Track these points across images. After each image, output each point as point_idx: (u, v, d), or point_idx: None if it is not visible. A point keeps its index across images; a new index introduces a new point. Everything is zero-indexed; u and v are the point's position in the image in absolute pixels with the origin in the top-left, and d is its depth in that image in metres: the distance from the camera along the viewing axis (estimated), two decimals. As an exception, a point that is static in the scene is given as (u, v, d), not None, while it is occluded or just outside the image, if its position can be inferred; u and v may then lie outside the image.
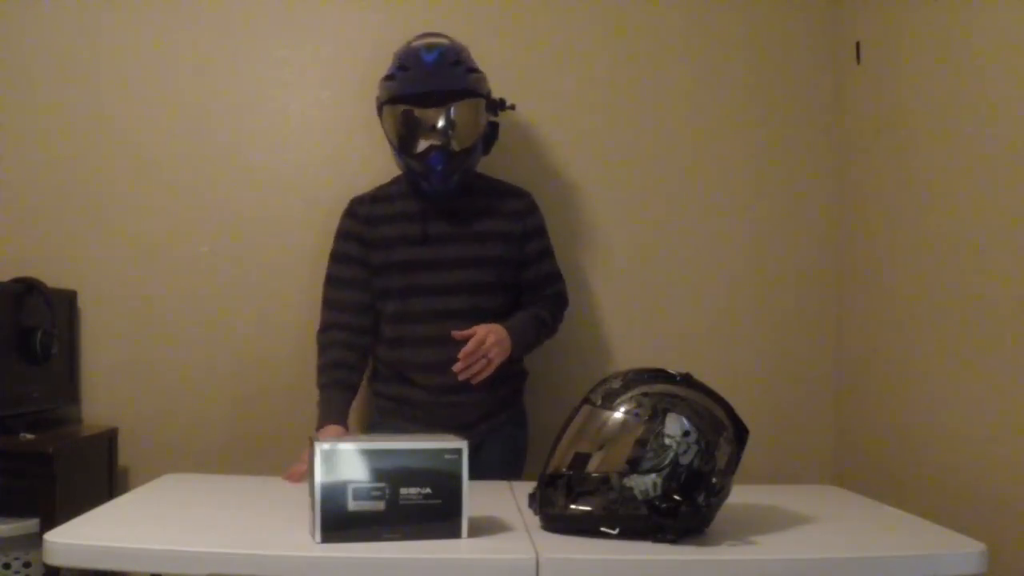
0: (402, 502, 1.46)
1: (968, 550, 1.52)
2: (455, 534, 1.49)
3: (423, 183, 2.17)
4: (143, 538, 1.48)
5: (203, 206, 2.62)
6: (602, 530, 1.52)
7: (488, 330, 2.06)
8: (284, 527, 1.55)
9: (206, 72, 2.63)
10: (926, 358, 2.21)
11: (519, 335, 2.14)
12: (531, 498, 1.61)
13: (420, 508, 1.47)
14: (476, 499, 1.52)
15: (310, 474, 1.45)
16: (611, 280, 2.68)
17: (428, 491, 1.47)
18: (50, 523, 1.76)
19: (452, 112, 2.13)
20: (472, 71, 2.17)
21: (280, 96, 2.65)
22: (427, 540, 1.47)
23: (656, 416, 1.52)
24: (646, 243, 2.69)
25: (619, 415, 1.55)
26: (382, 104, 2.19)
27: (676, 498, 1.48)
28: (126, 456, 2.58)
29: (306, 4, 2.65)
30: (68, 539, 1.45)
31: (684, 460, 1.50)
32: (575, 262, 2.62)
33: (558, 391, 2.45)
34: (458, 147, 2.15)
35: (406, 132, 2.15)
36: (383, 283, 2.21)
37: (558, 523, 1.56)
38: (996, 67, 1.96)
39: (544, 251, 2.31)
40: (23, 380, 2.33)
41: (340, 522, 1.44)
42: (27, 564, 2.22)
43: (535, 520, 1.60)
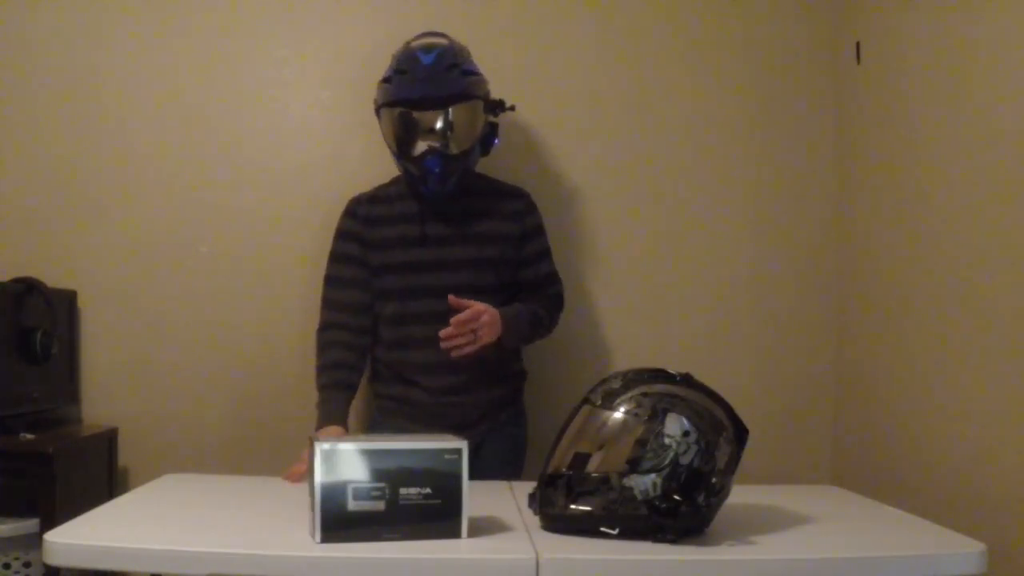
0: (402, 502, 1.46)
1: (968, 550, 1.52)
2: (455, 534, 1.49)
3: (420, 186, 2.17)
4: (143, 538, 1.48)
5: (203, 206, 2.62)
6: (602, 530, 1.52)
7: (485, 308, 2.05)
8: (284, 527, 1.55)
9: (206, 72, 2.63)
10: (926, 358, 2.21)
11: (512, 323, 2.13)
12: (531, 498, 1.61)
13: (420, 508, 1.47)
14: (476, 499, 1.52)
15: (310, 474, 1.45)
16: (611, 280, 2.68)
17: (428, 491, 1.47)
18: (50, 523, 1.76)
19: (450, 114, 2.13)
20: (469, 73, 2.17)
21: (280, 96, 2.65)
22: (427, 540, 1.47)
23: (656, 416, 1.52)
24: (646, 243, 2.69)
25: (619, 415, 1.55)
26: (380, 107, 2.19)
27: (676, 498, 1.48)
28: (126, 456, 2.58)
29: (306, 4, 2.65)
30: (68, 539, 1.45)
31: (684, 460, 1.50)
32: (575, 262, 2.62)
33: (558, 391, 2.45)
34: (456, 149, 2.14)
35: (404, 134, 2.15)
36: (382, 284, 2.21)
37: (558, 523, 1.56)
38: (996, 67, 1.96)
39: (542, 251, 2.31)
40: (23, 380, 2.33)
41: (340, 522, 1.44)
42: (27, 564, 2.22)
43: (535, 520, 1.60)
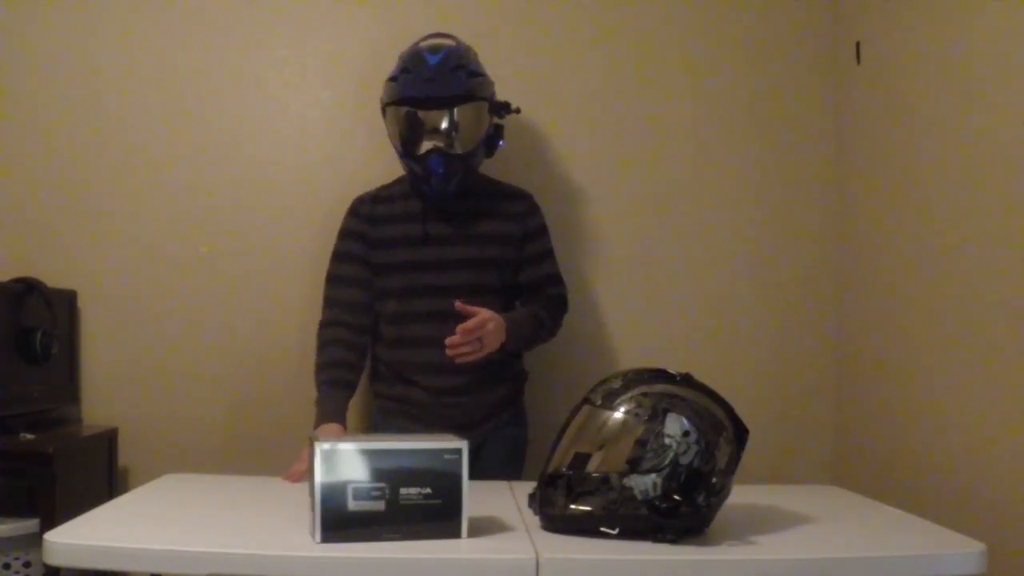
0: (402, 502, 1.46)
1: (968, 550, 1.52)
2: (455, 534, 1.49)
3: (423, 185, 2.17)
4: (143, 538, 1.48)
5: (203, 206, 2.62)
6: (602, 530, 1.52)
7: (491, 315, 2.06)
8: (284, 527, 1.55)
9: (206, 72, 2.63)
10: (926, 358, 2.21)
11: (515, 329, 2.14)
12: (531, 498, 1.61)
13: (420, 508, 1.47)
14: (476, 499, 1.52)
15: (310, 474, 1.45)
16: (611, 280, 2.68)
17: (428, 491, 1.47)
18: (50, 523, 1.76)
19: (455, 115, 2.13)
20: (475, 75, 2.17)
21: (280, 96, 2.65)
22: (427, 540, 1.47)
23: (656, 416, 1.52)
24: (646, 243, 2.69)
25: (619, 415, 1.55)
26: (385, 105, 2.20)
27: (676, 498, 1.48)
28: (126, 456, 2.58)
29: (306, 4, 2.65)
30: (68, 539, 1.45)
31: (684, 460, 1.50)
32: (575, 262, 2.62)
33: (558, 391, 2.45)
34: (460, 150, 2.15)
35: (409, 133, 2.15)
36: (384, 283, 2.22)
37: (558, 523, 1.56)
38: (996, 67, 1.96)
39: (545, 252, 2.31)
40: (23, 380, 2.33)
41: (340, 522, 1.44)
42: (27, 564, 2.22)
43: (535, 520, 1.60)
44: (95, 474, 2.46)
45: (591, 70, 2.68)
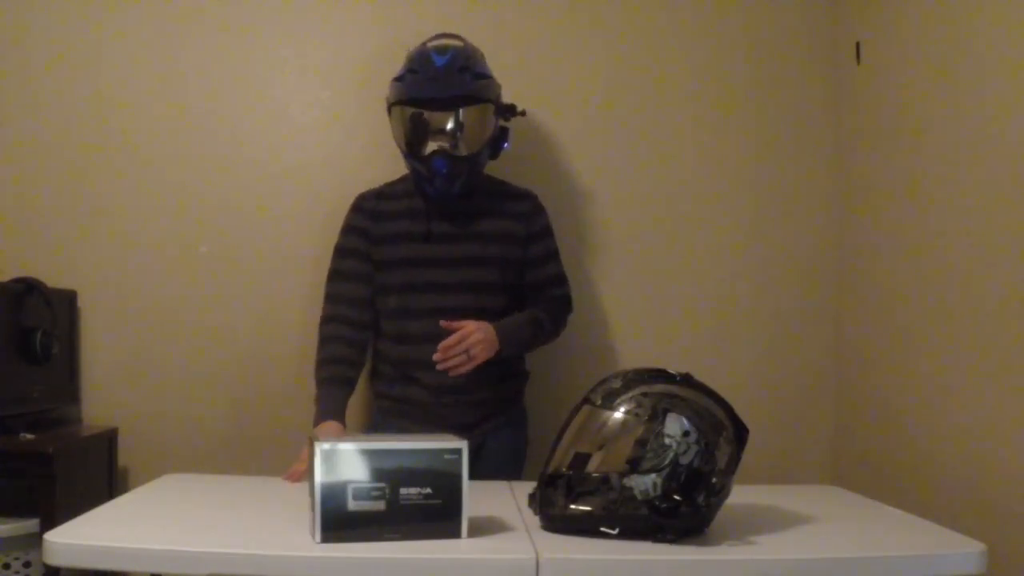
0: (402, 502, 1.46)
1: (968, 550, 1.52)
2: (455, 534, 1.49)
3: (427, 186, 2.17)
4: (143, 538, 1.48)
5: (203, 206, 2.62)
6: (602, 530, 1.52)
7: (476, 327, 2.06)
8: (284, 527, 1.55)
9: (206, 72, 2.63)
10: (926, 358, 2.21)
11: (509, 335, 2.14)
12: (531, 498, 1.61)
13: (420, 508, 1.47)
14: (476, 499, 1.52)
15: (310, 474, 1.45)
16: (611, 280, 2.68)
17: (428, 491, 1.47)
18: (50, 523, 1.76)
19: (460, 116, 2.13)
20: (481, 76, 2.17)
21: (280, 96, 2.65)
22: (427, 540, 1.47)
23: (656, 416, 1.52)
24: (646, 243, 2.69)
25: (619, 415, 1.55)
26: (391, 105, 2.19)
27: (676, 498, 1.48)
28: (126, 456, 2.58)
29: (306, 4, 2.65)
30: (68, 539, 1.45)
31: (684, 460, 1.50)
32: (575, 262, 2.62)
33: (558, 391, 2.45)
34: (465, 151, 2.14)
35: (414, 134, 2.15)
36: (385, 279, 2.21)
37: (558, 523, 1.56)
38: (996, 67, 1.96)
39: (549, 253, 2.31)
40: (23, 380, 2.33)
41: (340, 522, 1.44)
42: (27, 564, 2.22)
43: (535, 520, 1.60)
44: (95, 474, 2.46)
45: (592, 72, 2.68)
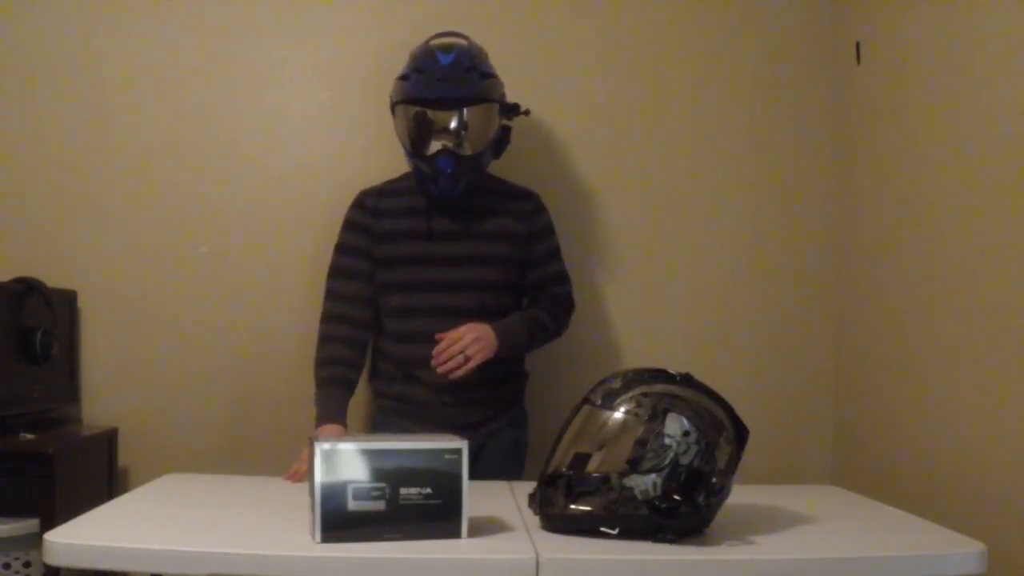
0: (402, 502, 1.46)
1: (968, 550, 1.52)
2: (455, 534, 1.49)
3: (431, 185, 2.17)
4: (143, 538, 1.48)
5: (203, 206, 2.62)
6: (602, 530, 1.52)
7: (469, 329, 2.06)
8: (284, 527, 1.55)
9: (206, 72, 2.63)
10: (926, 358, 2.21)
11: (507, 335, 2.13)
12: (531, 498, 1.61)
13: (420, 508, 1.47)
14: (476, 499, 1.52)
15: (310, 474, 1.45)
16: (611, 280, 2.68)
17: (428, 491, 1.47)
18: (50, 523, 1.76)
19: (465, 115, 2.13)
20: (487, 76, 2.16)
21: (280, 96, 2.65)
22: (427, 540, 1.47)
23: (656, 416, 1.52)
24: (646, 243, 2.69)
25: (619, 415, 1.55)
26: (395, 103, 2.19)
27: (676, 498, 1.48)
28: (126, 456, 2.58)
29: (306, 4, 2.65)
30: (68, 539, 1.45)
31: (684, 460, 1.50)
32: (575, 262, 2.62)
33: (558, 391, 2.45)
34: (469, 150, 2.14)
35: (418, 133, 2.15)
36: (387, 276, 2.21)
37: (558, 523, 1.56)
38: (996, 67, 1.96)
39: (551, 252, 2.31)
40: (23, 380, 2.33)
41: (340, 522, 1.44)
42: (27, 564, 2.22)
43: (535, 520, 1.60)
44: (95, 474, 2.46)
45: (592, 71, 2.68)
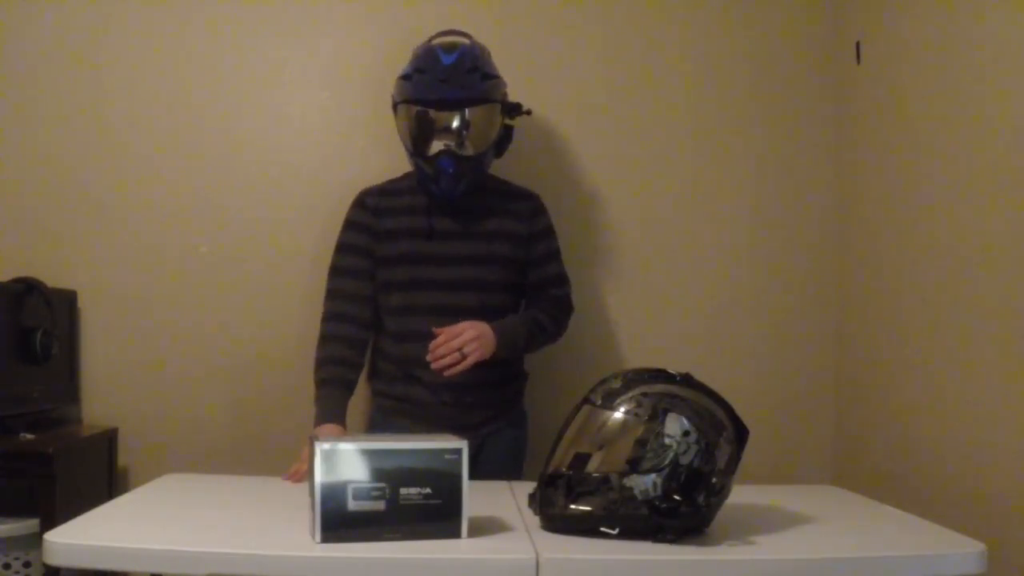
0: (402, 502, 1.46)
1: (968, 550, 1.52)
2: (455, 534, 1.49)
3: (432, 185, 2.17)
4: (143, 538, 1.48)
5: (203, 206, 2.62)
6: (602, 530, 1.52)
7: (470, 326, 2.06)
8: (284, 527, 1.55)
9: (206, 72, 2.63)
10: (926, 358, 2.21)
11: (506, 336, 2.13)
12: (531, 498, 1.61)
13: (420, 508, 1.47)
14: (476, 499, 1.52)
15: (310, 474, 1.45)
16: (611, 280, 2.68)
17: (428, 491, 1.47)
18: (50, 523, 1.76)
19: (467, 115, 2.12)
20: (489, 77, 2.16)
21: (280, 96, 2.65)
22: (427, 540, 1.47)
23: (656, 416, 1.52)
24: (646, 243, 2.69)
25: (619, 415, 1.55)
26: (397, 103, 2.19)
27: (676, 498, 1.48)
28: (126, 456, 2.58)
29: (306, 4, 2.65)
30: (68, 539, 1.45)
31: (684, 460, 1.50)
32: (575, 262, 2.62)
33: (558, 391, 2.45)
34: (471, 151, 2.14)
35: (420, 133, 2.15)
36: (388, 275, 2.21)
37: (558, 523, 1.56)
38: (996, 67, 1.96)
39: (551, 254, 2.30)
40: (23, 380, 2.33)
41: (340, 522, 1.44)
42: (27, 564, 2.22)
43: (535, 520, 1.60)
44: (95, 474, 2.46)
45: (592, 71, 2.68)
